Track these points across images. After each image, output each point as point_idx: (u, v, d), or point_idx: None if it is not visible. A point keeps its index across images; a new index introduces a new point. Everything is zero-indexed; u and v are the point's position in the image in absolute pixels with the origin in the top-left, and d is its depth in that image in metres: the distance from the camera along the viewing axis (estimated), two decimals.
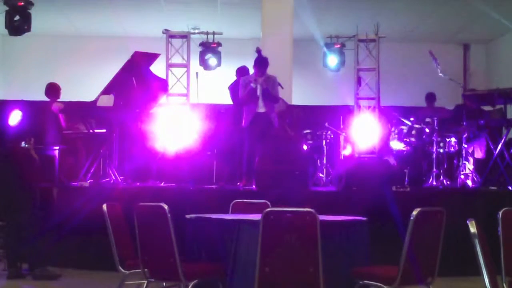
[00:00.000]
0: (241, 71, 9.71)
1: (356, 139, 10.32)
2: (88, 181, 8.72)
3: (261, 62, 8.87)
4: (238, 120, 9.06)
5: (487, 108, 9.80)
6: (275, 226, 4.20)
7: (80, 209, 7.33)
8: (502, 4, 12.58)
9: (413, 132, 9.65)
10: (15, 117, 9.49)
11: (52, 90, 9.45)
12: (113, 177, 8.78)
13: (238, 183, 8.90)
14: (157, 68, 9.91)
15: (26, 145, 7.82)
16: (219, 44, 12.15)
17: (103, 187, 8.33)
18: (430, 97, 10.62)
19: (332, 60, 12.37)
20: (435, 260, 4.53)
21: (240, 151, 9.19)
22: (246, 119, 8.88)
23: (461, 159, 9.44)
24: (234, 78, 9.82)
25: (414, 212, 4.27)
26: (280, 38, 11.03)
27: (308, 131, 10.15)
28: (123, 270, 5.09)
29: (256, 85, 8.74)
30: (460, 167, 9.38)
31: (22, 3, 9.63)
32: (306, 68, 13.84)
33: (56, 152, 8.72)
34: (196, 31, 11.47)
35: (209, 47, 12.14)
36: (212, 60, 12.25)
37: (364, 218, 5.01)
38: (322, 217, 4.27)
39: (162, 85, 9.85)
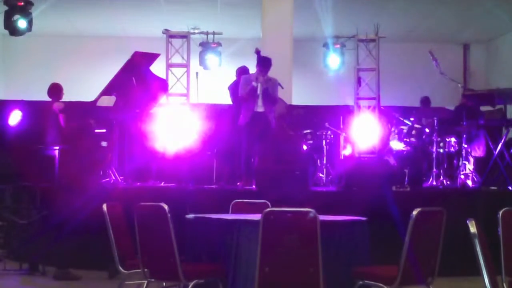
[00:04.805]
0: (241, 71, 9.71)
1: (356, 139, 10.32)
2: None
3: (265, 62, 8.86)
4: (238, 120, 9.06)
5: (487, 108, 9.80)
6: (275, 226, 4.19)
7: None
8: (502, 4, 12.58)
9: (413, 132, 9.65)
10: (15, 117, 9.50)
11: (55, 90, 9.44)
12: (113, 177, 8.78)
13: (238, 183, 8.90)
14: (157, 68, 9.91)
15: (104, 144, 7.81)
16: (219, 44, 12.15)
17: (103, 187, 8.33)
18: (426, 101, 10.71)
19: (332, 60, 12.36)
20: (435, 260, 4.53)
21: (239, 151, 9.19)
22: (243, 118, 8.87)
23: (461, 159, 9.44)
24: (234, 78, 9.82)
25: (414, 212, 4.27)
26: (280, 38, 11.03)
27: (308, 131, 10.14)
28: (123, 270, 5.08)
29: (257, 84, 8.74)
30: (460, 167, 9.37)
31: (22, 3, 9.63)
32: (306, 68, 13.84)
33: (56, 152, 8.71)
34: (196, 31, 11.46)
35: (209, 47, 12.13)
36: (212, 60, 12.25)
37: (364, 218, 5.01)
38: (322, 217, 4.27)
39: (162, 85, 9.85)
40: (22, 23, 9.69)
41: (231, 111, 9.79)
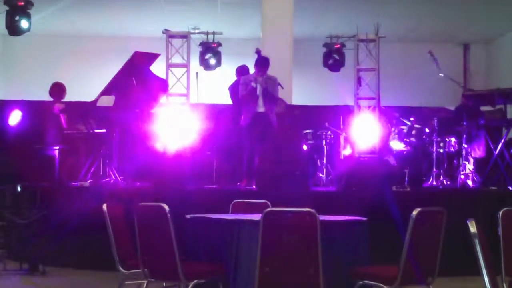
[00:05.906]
0: (241, 70, 9.71)
1: (356, 139, 10.32)
2: (88, 181, 8.71)
3: (262, 62, 8.87)
4: (238, 120, 9.07)
5: (487, 108, 9.80)
6: (275, 226, 4.20)
7: (80, 209, 7.32)
8: (502, 4, 12.58)
9: (413, 132, 9.65)
10: (15, 117, 9.50)
11: (57, 89, 9.45)
12: (113, 177, 8.78)
13: (238, 183, 8.90)
14: (157, 68, 9.91)
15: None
16: (219, 44, 12.13)
17: (103, 187, 8.32)
18: None
19: (332, 60, 12.33)
20: (435, 260, 4.53)
21: (239, 150, 9.19)
22: (245, 118, 8.88)
23: (461, 159, 9.43)
24: (234, 78, 9.82)
25: (414, 212, 4.27)
26: (280, 38, 11.04)
27: (308, 131, 10.15)
28: (123, 270, 5.08)
29: (256, 85, 8.75)
30: (460, 167, 9.37)
31: (22, 3, 9.62)
32: (306, 68, 13.84)
33: (56, 152, 8.71)
34: (196, 31, 11.45)
35: (209, 47, 12.10)
36: (212, 60, 12.23)
37: (364, 218, 5.01)
38: (322, 217, 4.27)
39: (162, 85, 9.85)
40: (24, 23, 9.69)
41: (231, 111, 9.79)
